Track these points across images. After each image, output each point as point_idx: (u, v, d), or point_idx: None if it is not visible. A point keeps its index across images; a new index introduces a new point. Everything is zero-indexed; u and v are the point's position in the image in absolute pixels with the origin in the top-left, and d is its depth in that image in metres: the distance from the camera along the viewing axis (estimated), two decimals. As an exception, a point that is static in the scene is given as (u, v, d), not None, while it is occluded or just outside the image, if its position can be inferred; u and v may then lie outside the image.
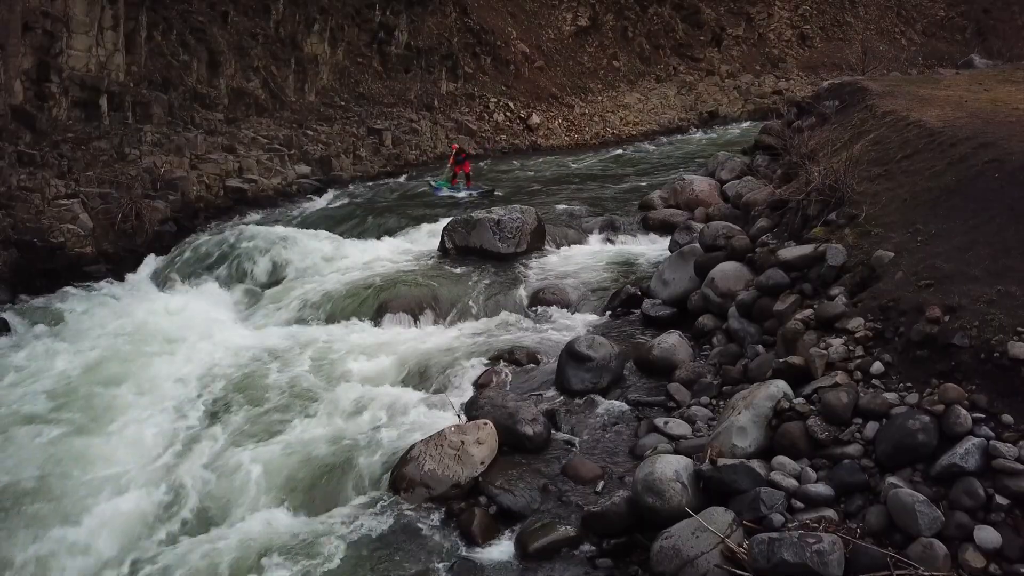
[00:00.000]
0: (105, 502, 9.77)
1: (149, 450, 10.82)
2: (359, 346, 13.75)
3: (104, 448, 10.85)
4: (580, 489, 9.34)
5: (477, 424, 10.10)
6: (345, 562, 8.55)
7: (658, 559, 7.67)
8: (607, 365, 11.71)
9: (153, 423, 11.41)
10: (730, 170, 19.64)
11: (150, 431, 11.23)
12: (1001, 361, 7.61)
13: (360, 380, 12.46)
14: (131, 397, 12.20)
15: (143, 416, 11.57)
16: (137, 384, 12.55)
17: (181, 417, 11.64)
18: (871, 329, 8.97)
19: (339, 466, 10.15)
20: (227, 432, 11.15)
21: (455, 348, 13.50)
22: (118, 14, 22.23)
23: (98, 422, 11.53)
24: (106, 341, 14.18)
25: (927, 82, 17.97)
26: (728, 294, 12.28)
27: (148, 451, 10.79)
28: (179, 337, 14.27)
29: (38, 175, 18.44)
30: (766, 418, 8.68)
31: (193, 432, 11.24)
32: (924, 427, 7.51)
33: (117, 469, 10.40)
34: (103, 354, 13.58)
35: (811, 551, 6.69)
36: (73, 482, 10.19)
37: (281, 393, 12.23)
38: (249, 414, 11.64)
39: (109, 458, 10.63)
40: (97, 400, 12.13)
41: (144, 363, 13.15)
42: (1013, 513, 6.83)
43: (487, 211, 18.67)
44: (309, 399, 11.98)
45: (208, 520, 9.48)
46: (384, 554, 8.65)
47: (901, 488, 7.22)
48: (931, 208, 10.28)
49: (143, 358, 13.34)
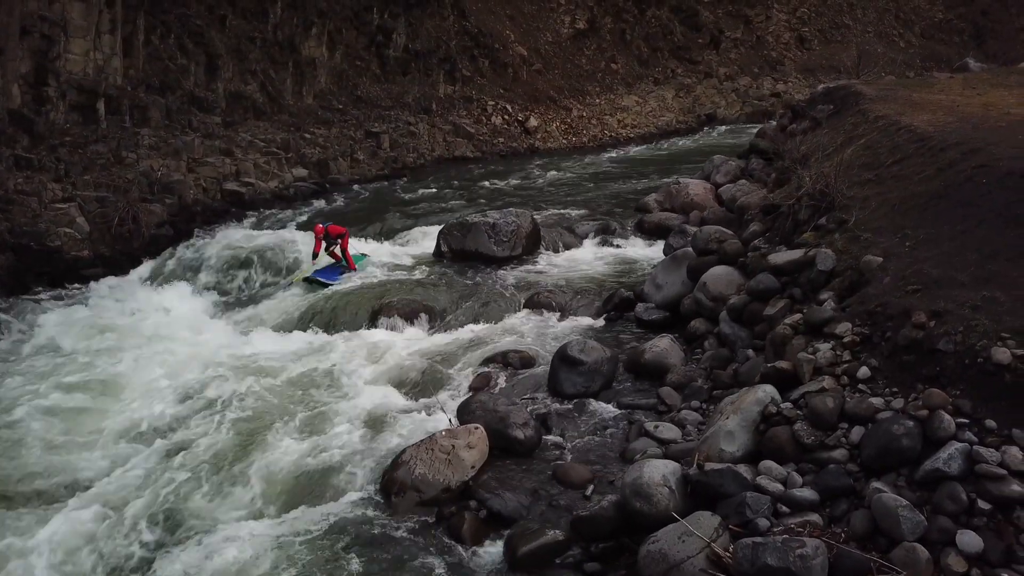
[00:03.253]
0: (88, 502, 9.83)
1: (137, 452, 10.85)
2: (352, 350, 13.80)
3: (91, 448, 10.93)
4: (570, 493, 9.39)
5: (468, 428, 10.15)
6: (334, 565, 8.60)
7: (645, 563, 7.72)
8: (599, 369, 11.77)
9: (143, 425, 11.45)
10: (725, 173, 19.70)
11: (139, 433, 11.28)
12: (985, 367, 7.66)
13: (352, 384, 12.50)
14: (122, 399, 12.27)
15: (133, 418, 11.62)
16: (129, 387, 12.62)
17: (170, 420, 11.67)
18: (858, 334, 9.03)
19: (329, 470, 10.20)
20: (217, 435, 11.17)
21: (448, 352, 13.57)
22: (116, 18, 22.31)
23: (87, 423, 11.60)
24: (100, 343, 14.25)
25: (921, 86, 18.03)
26: (720, 298, 12.33)
27: (136, 453, 10.82)
28: (172, 341, 14.34)
29: (35, 179, 18.52)
30: (754, 423, 8.72)
31: (182, 435, 11.27)
32: (908, 432, 7.55)
33: (103, 469, 10.48)
34: (96, 356, 13.65)
35: (794, 555, 6.74)
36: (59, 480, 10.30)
37: (272, 397, 12.25)
38: (239, 417, 11.64)
39: (95, 459, 10.70)
40: (87, 402, 12.21)
41: (137, 366, 13.21)
42: (995, 518, 6.87)
43: (482, 215, 18.74)
44: (300, 403, 12.03)
45: (197, 523, 9.50)
46: (373, 558, 8.69)
47: (885, 493, 7.26)
48: (920, 213, 10.33)
49: (136, 361, 13.40)
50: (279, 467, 10.30)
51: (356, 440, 10.88)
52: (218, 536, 9.18)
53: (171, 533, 9.35)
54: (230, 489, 10.03)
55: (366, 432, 11.10)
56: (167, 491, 9.96)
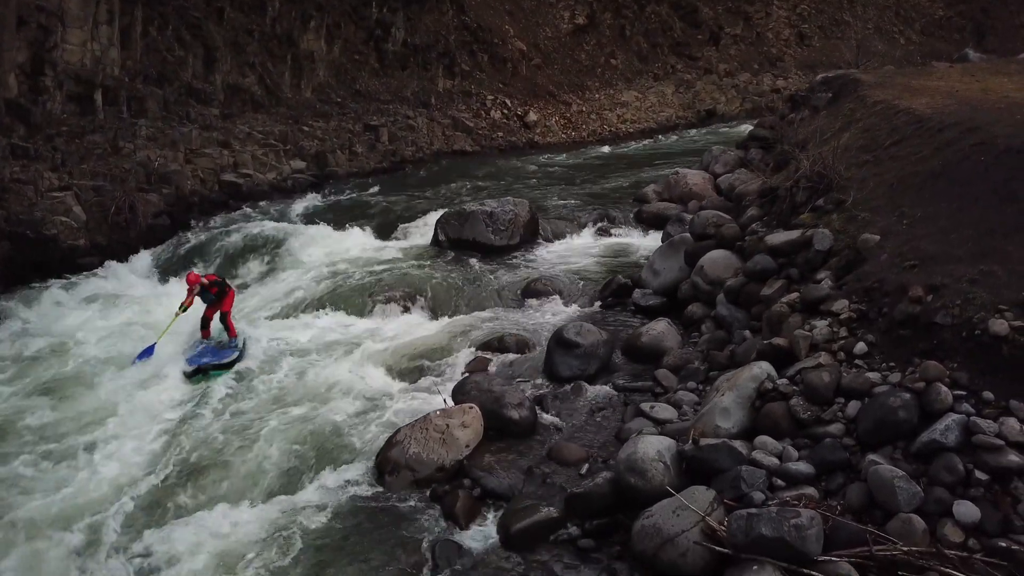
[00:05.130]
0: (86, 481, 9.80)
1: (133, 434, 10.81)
2: (349, 336, 13.78)
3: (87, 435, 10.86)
4: (565, 472, 9.32)
5: (463, 408, 10.10)
6: (326, 543, 8.58)
7: (639, 538, 7.66)
8: (595, 352, 11.71)
9: (138, 411, 11.40)
10: (724, 163, 19.62)
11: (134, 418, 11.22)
12: (982, 339, 7.60)
13: (349, 368, 12.45)
14: (118, 385, 12.20)
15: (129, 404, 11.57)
16: (125, 373, 12.57)
17: (166, 402, 11.65)
18: (855, 311, 8.97)
19: (323, 451, 10.18)
20: (212, 417, 11.17)
21: (445, 338, 13.50)
22: (113, 9, 22.22)
23: (83, 408, 11.56)
24: (96, 331, 14.22)
25: (920, 74, 17.95)
26: (717, 281, 12.26)
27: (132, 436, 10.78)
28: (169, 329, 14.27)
29: (32, 168, 18.43)
30: (750, 399, 8.67)
31: (177, 416, 11.25)
32: (905, 404, 7.49)
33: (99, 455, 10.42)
34: (92, 344, 13.63)
35: (789, 525, 6.67)
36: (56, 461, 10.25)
37: (270, 381, 12.26)
38: (239, 401, 11.66)
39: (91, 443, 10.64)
40: (83, 387, 12.16)
41: (133, 353, 13.15)
42: (992, 488, 6.81)
43: (480, 203, 18.68)
44: (297, 387, 12.00)
45: (193, 502, 9.48)
46: (366, 536, 8.67)
47: (881, 465, 7.20)
48: (917, 192, 10.27)
49: (133, 348, 13.35)
50: (273, 447, 10.28)
51: (351, 422, 10.86)
52: (215, 514, 9.17)
53: (166, 510, 9.33)
54: (225, 469, 10.01)
55: (361, 414, 11.08)
56: (157, 469, 9.94)
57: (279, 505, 9.30)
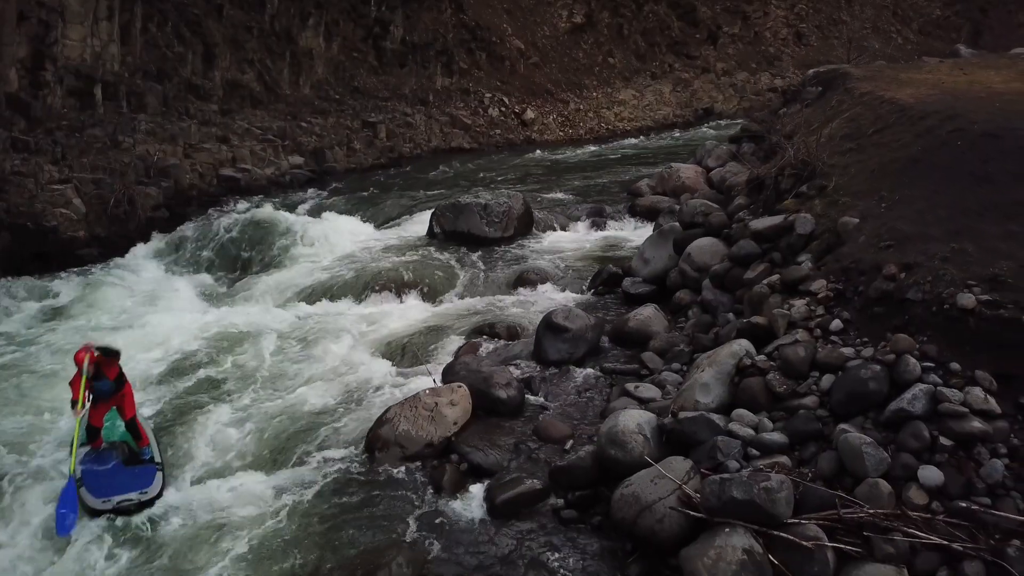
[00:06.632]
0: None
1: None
2: (343, 323, 13.99)
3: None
4: (550, 448, 9.56)
5: (451, 387, 10.32)
6: (316, 517, 8.80)
7: (618, 506, 7.88)
8: (583, 336, 11.91)
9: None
10: (716, 157, 19.83)
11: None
12: (951, 313, 7.83)
13: (342, 353, 12.71)
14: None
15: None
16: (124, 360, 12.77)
17: (163, 387, 11.87)
18: (832, 290, 9.19)
19: (314, 429, 10.41)
20: (208, 397, 11.40)
21: (437, 324, 13.73)
22: (113, 5, 22.50)
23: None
24: (95, 320, 14.46)
25: (909, 68, 18.17)
26: (704, 268, 12.48)
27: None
28: (167, 316, 14.51)
29: (32, 160, 18.68)
30: (729, 375, 8.90)
31: (174, 397, 11.48)
32: (875, 376, 7.72)
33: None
34: (92, 333, 13.81)
35: (759, 488, 6.89)
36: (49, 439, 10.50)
37: (264, 364, 12.50)
38: (233, 382, 11.91)
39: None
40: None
41: (131, 340, 13.34)
42: (956, 453, 7.04)
43: (474, 196, 18.91)
44: (290, 370, 12.25)
45: (188, 477, 9.71)
46: (357, 509, 8.88)
47: (851, 433, 7.42)
48: (897, 176, 10.48)
49: (131, 335, 13.56)
50: (265, 426, 10.52)
51: (343, 402, 11.11)
52: (208, 490, 9.39)
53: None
54: (217, 444, 10.25)
55: (353, 395, 11.32)
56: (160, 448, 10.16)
57: (266, 481, 9.52)
